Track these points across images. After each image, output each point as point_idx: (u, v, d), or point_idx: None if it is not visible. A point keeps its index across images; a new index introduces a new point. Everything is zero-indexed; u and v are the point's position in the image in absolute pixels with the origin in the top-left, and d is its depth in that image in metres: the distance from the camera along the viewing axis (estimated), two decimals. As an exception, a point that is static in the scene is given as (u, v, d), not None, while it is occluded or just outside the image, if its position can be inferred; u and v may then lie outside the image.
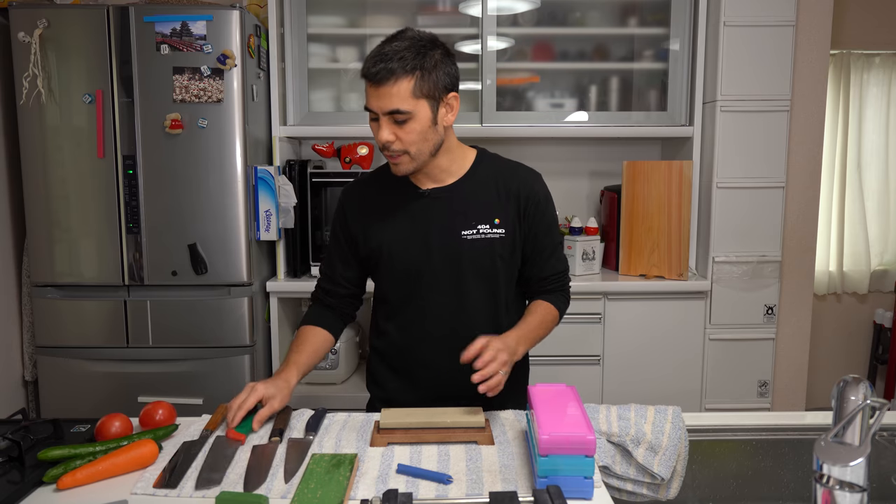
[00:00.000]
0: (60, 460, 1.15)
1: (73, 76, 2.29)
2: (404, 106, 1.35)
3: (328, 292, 1.58)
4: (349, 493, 1.08)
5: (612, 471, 1.25)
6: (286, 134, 2.63)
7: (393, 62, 1.33)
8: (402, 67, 1.33)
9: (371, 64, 1.35)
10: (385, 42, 1.37)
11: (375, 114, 1.38)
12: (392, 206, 1.50)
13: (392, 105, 1.35)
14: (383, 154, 1.43)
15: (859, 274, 3.45)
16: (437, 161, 1.46)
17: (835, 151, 3.37)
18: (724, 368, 2.63)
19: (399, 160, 1.41)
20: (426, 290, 1.48)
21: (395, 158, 1.41)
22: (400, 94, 1.34)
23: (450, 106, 1.42)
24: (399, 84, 1.34)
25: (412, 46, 1.35)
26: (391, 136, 1.37)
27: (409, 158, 1.41)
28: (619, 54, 2.78)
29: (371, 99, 1.38)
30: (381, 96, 1.35)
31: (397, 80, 1.33)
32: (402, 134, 1.37)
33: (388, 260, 1.50)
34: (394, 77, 1.33)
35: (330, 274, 1.58)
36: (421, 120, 1.37)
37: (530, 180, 1.52)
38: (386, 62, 1.33)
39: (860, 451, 0.86)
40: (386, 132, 1.37)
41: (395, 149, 1.39)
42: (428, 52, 1.36)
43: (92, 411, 1.87)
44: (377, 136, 1.39)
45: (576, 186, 2.98)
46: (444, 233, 1.46)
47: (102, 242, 2.36)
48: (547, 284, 1.55)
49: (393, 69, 1.33)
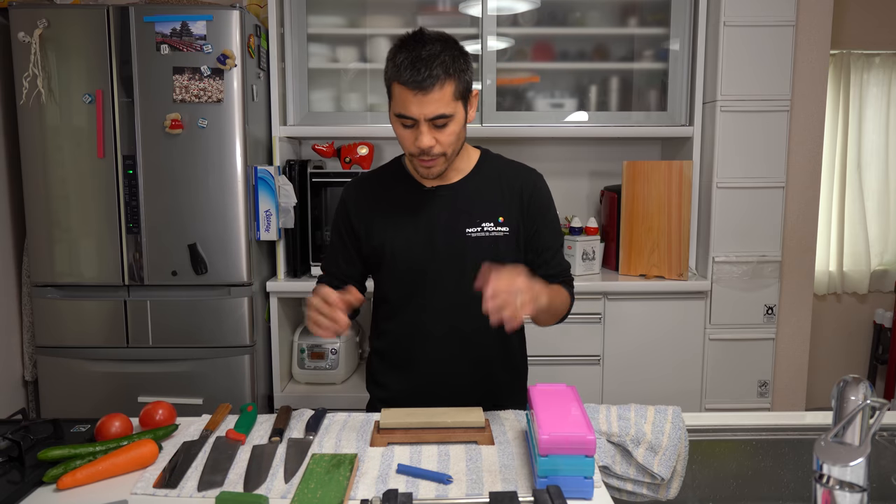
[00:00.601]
0: (60, 460, 1.15)
1: (73, 76, 2.29)
2: (447, 110, 1.34)
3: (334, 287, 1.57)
4: (349, 493, 1.08)
5: (612, 471, 1.25)
6: (286, 134, 2.63)
7: (436, 68, 1.31)
8: (445, 72, 1.32)
9: (413, 72, 1.31)
10: (411, 45, 1.34)
11: (412, 120, 1.35)
12: (396, 203, 1.50)
13: (437, 111, 1.33)
14: (412, 160, 1.41)
15: (859, 274, 3.45)
16: None
17: (835, 151, 3.37)
18: (724, 368, 2.63)
19: (435, 163, 1.40)
20: (429, 289, 1.48)
21: (430, 161, 1.40)
22: (444, 99, 1.33)
23: (472, 102, 1.43)
24: (444, 89, 1.33)
25: (446, 49, 1.34)
26: (432, 140, 1.36)
27: (444, 160, 1.41)
28: (619, 54, 2.78)
29: (411, 106, 1.33)
30: (427, 103, 1.32)
31: (443, 86, 1.32)
32: (441, 137, 1.37)
33: (392, 257, 1.49)
34: (439, 83, 1.32)
35: (334, 271, 1.57)
36: (458, 121, 1.38)
37: (533, 179, 1.53)
38: (430, 68, 1.31)
39: (860, 451, 0.86)
40: (427, 138, 1.35)
41: (435, 152, 1.38)
42: (458, 52, 1.37)
43: (92, 411, 1.87)
44: (415, 143, 1.36)
45: (576, 186, 2.98)
46: (449, 230, 1.46)
47: (102, 242, 2.36)
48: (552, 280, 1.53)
49: (438, 75, 1.31)
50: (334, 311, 1.28)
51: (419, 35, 1.36)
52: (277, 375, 2.59)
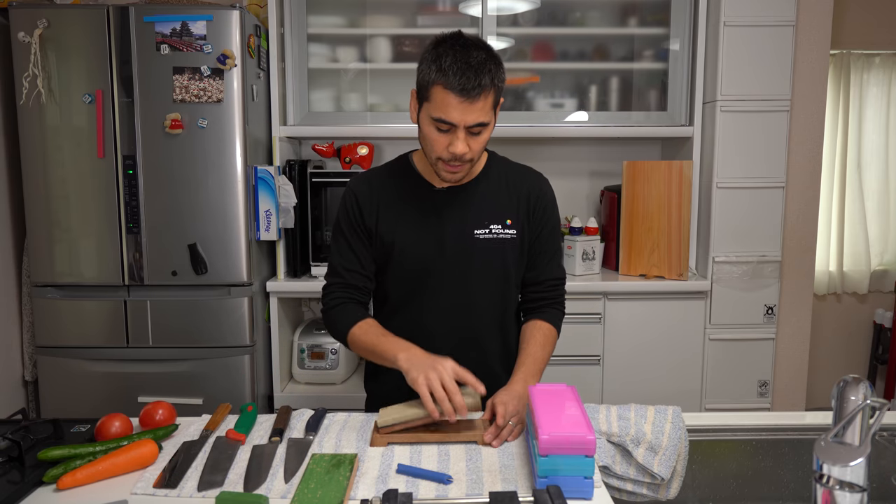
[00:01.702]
0: (60, 460, 1.15)
1: (73, 76, 2.29)
2: (486, 118, 1.34)
3: (359, 289, 1.50)
4: (349, 493, 1.08)
5: (612, 471, 1.25)
6: (286, 134, 2.63)
7: (484, 77, 1.30)
8: (491, 82, 1.32)
9: (464, 79, 1.29)
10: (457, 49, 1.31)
11: (450, 125, 1.33)
12: (406, 201, 1.49)
13: (479, 119, 1.33)
14: (436, 163, 1.39)
15: (859, 274, 3.45)
16: None
17: (835, 151, 3.37)
18: (724, 368, 2.63)
19: (462, 168, 1.40)
20: (433, 289, 1.48)
21: (458, 167, 1.39)
22: (486, 108, 1.33)
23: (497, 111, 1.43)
24: (487, 98, 1.32)
25: (490, 58, 1.33)
26: (466, 147, 1.35)
27: (469, 165, 1.41)
28: (619, 54, 2.78)
29: (453, 112, 1.31)
30: (471, 111, 1.31)
31: (487, 95, 1.32)
32: (473, 144, 1.36)
33: (399, 256, 1.48)
34: (485, 92, 1.31)
35: (351, 266, 1.49)
36: (490, 129, 1.38)
37: (539, 183, 1.54)
38: (479, 76, 1.29)
39: (860, 451, 0.86)
40: (462, 144, 1.34)
41: (467, 159, 1.37)
42: (499, 61, 1.35)
43: (92, 411, 1.87)
44: (447, 149, 1.35)
45: (576, 186, 2.98)
46: (457, 232, 1.46)
47: (102, 242, 2.36)
48: (542, 290, 1.54)
49: (485, 84, 1.30)
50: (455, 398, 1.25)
51: (463, 39, 1.34)
52: (277, 375, 2.59)
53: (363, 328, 1.44)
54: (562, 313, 1.59)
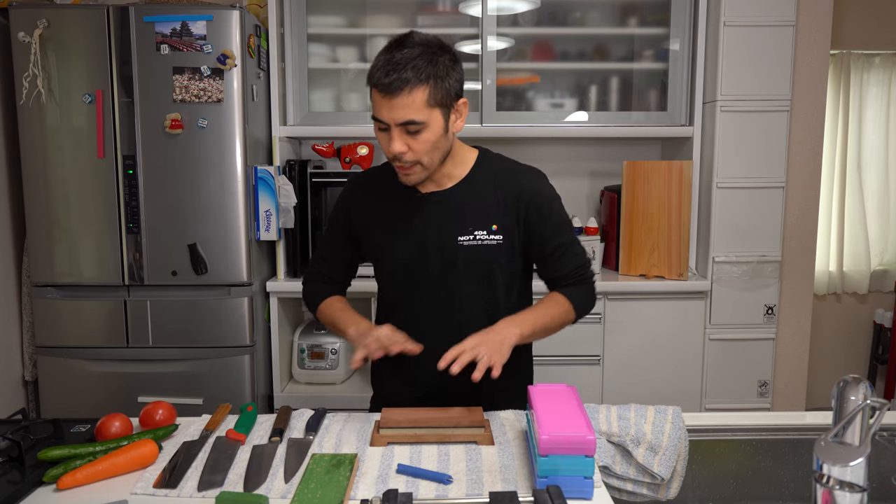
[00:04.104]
0: (60, 460, 1.15)
1: (73, 76, 2.29)
2: (418, 116, 1.30)
3: (330, 279, 1.61)
4: (349, 493, 1.08)
5: (612, 471, 1.25)
6: (286, 134, 2.63)
7: (407, 71, 1.27)
8: (416, 77, 1.27)
9: (383, 73, 1.28)
10: (392, 48, 1.31)
11: (385, 124, 1.32)
12: (392, 209, 1.49)
13: (406, 116, 1.29)
14: (394, 164, 1.39)
15: (859, 274, 3.45)
16: (441, 166, 1.44)
17: (835, 151, 3.37)
18: (724, 368, 2.63)
19: (411, 171, 1.37)
20: (422, 295, 1.48)
21: (406, 169, 1.37)
22: (414, 105, 1.29)
23: (459, 112, 1.39)
24: (413, 94, 1.28)
25: (424, 53, 1.29)
26: (403, 146, 1.32)
27: (420, 168, 1.37)
28: (619, 54, 2.78)
29: (382, 110, 1.31)
30: (395, 107, 1.29)
31: (412, 91, 1.28)
32: (414, 144, 1.33)
33: (387, 259, 1.50)
34: (408, 87, 1.27)
35: (332, 260, 1.60)
36: (434, 129, 1.33)
37: (531, 182, 1.48)
38: (399, 71, 1.27)
39: (860, 451, 0.86)
40: (398, 143, 1.32)
41: (407, 160, 1.35)
42: (439, 58, 1.31)
43: (92, 411, 1.87)
44: (387, 148, 1.34)
45: (576, 186, 2.98)
46: (441, 238, 1.45)
47: (102, 242, 2.36)
48: (564, 281, 1.52)
49: (407, 79, 1.27)
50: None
51: (403, 38, 1.33)
52: (277, 375, 2.59)
53: (328, 303, 1.57)
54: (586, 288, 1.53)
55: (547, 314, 1.44)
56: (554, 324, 1.46)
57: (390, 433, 1.27)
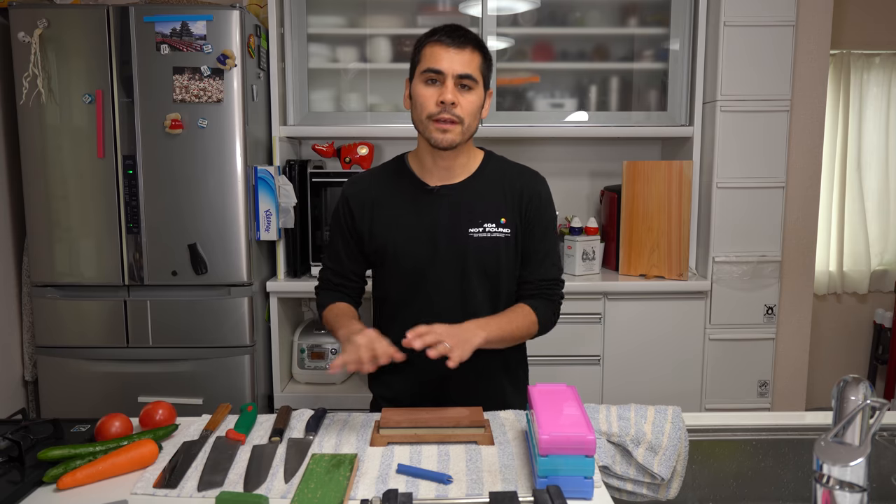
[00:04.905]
0: (60, 460, 1.15)
1: (73, 76, 2.29)
2: (475, 74, 1.41)
3: (339, 285, 1.60)
4: (349, 493, 1.08)
5: (612, 471, 1.25)
6: (286, 134, 2.63)
7: (472, 36, 1.42)
8: (477, 45, 1.42)
9: (449, 29, 1.41)
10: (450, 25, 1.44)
11: (440, 74, 1.39)
12: (399, 202, 1.50)
13: (465, 69, 1.39)
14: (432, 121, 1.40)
15: (859, 274, 3.45)
16: (457, 156, 1.47)
17: (835, 151, 3.37)
18: (724, 368, 2.63)
19: (453, 127, 1.41)
20: (431, 288, 1.48)
21: (447, 125, 1.40)
22: (473, 63, 1.41)
23: (488, 98, 1.49)
24: (474, 55, 1.41)
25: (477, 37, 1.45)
26: (457, 97, 1.39)
27: (460, 130, 1.42)
28: (619, 54, 2.78)
29: (442, 60, 1.39)
30: (457, 60, 1.39)
31: (473, 52, 1.41)
32: (462, 101, 1.40)
33: (394, 257, 1.50)
34: (471, 46, 1.41)
35: (338, 269, 1.59)
36: (478, 96, 1.43)
37: (534, 182, 1.53)
38: (466, 34, 1.41)
39: (860, 451, 0.86)
40: (452, 93, 1.39)
41: (455, 112, 1.39)
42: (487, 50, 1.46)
43: (92, 411, 1.87)
44: (436, 99, 1.39)
45: (576, 186, 2.98)
46: (452, 230, 1.47)
47: (102, 242, 2.36)
48: (532, 289, 1.52)
49: (473, 39, 1.41)
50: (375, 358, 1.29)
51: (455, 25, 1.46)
52: (277, 375, 2.59)
53: (330, 309, 1.56)
54: (552, 305, 1.54)
55: (513, 323, 1.44)
56: (517, 334, 1.46)
57: (390, 433, 1.27)
